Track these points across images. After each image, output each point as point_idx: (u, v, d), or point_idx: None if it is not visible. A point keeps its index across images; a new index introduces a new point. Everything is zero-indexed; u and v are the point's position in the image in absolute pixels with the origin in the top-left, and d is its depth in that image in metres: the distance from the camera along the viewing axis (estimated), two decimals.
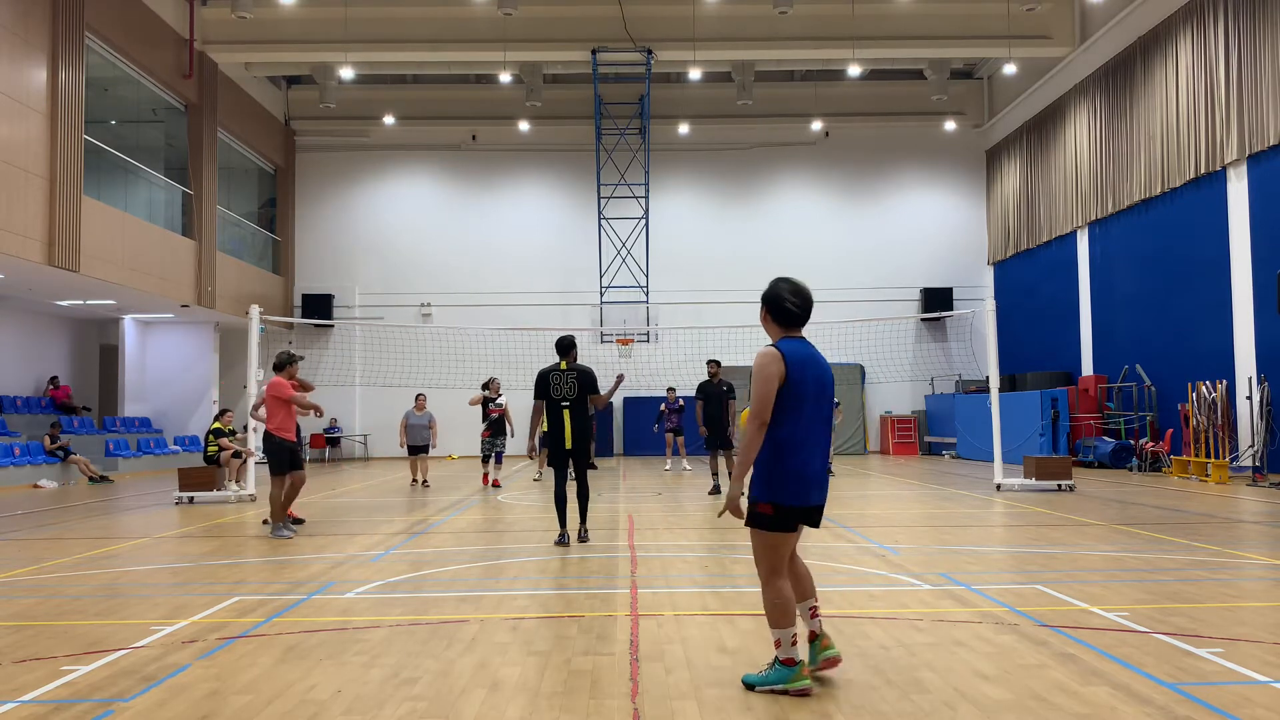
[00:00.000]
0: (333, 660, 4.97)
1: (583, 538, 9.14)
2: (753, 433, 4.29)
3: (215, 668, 4.84)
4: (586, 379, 9.01)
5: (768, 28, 23.01)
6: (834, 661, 4.50)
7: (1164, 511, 11.43)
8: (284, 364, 10.27)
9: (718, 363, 14.91)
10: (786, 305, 4.38)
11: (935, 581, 6.94)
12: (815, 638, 4.52)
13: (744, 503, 4.38)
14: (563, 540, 9.02)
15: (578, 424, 8.96)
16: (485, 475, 16.53)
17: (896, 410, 27.74)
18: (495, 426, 16.24)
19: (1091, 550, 8.40)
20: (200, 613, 6.13)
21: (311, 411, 10.39)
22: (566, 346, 9.11)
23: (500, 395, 16.44)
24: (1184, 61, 18.95)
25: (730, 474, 14.15)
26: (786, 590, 4.33)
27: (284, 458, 10.10)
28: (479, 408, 16.44)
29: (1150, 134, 20.14)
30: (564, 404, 8.93)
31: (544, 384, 9.02)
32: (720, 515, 4.45)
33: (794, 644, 4.29)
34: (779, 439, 4.28)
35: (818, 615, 4.55)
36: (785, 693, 4.27)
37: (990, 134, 28.31)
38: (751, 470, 4.35)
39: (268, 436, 10.14)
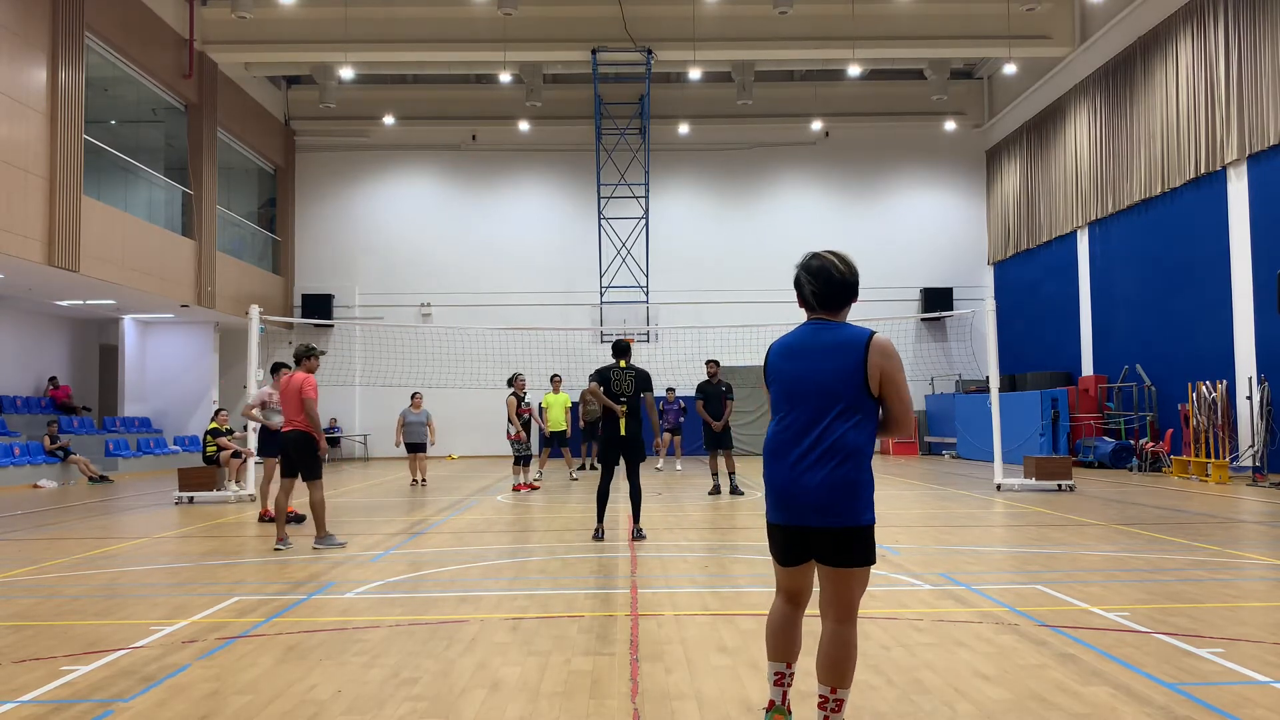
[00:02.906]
0: (333, 660, 4.96)
1: (638, 535, 9.29)
2: None
3: (215, 668, 4.84)
4: (644, 379, 9.45)
5: (768, 28, 23.01)
6: None
7: (1164, 511, 11.42)
8: (303, 356, 9.17)
9: (716, 363, 14.90)
10: (803, 290, 3.72)
11: (935, 581, 6.93)
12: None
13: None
14: (599, 536, 9.31)
15: (630, 421, 9.29)
16: (519, 485, 15.08)
17: None
18: (528, 427, 15.40)
19: (1092, 550, 8.40)
20: (200, 613, 6.13)
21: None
22: (624, 348, 9.59)
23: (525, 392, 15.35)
24: (1184, 61, 18.94)
25: (730, 473, 14.19)
26: (774, 610, 3.69)
27: (318, 461, 9.13)
28: (506, 407, 15.08)
29: (1150, 134, 20.14)
30: (621, 399, 9.25)
31: (604, 379, 9.33)
32: None
33: (775, 683, 3.63)
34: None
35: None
36: None
37: (990, 134, 28.30)
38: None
39: (310, 439, 9.03)
